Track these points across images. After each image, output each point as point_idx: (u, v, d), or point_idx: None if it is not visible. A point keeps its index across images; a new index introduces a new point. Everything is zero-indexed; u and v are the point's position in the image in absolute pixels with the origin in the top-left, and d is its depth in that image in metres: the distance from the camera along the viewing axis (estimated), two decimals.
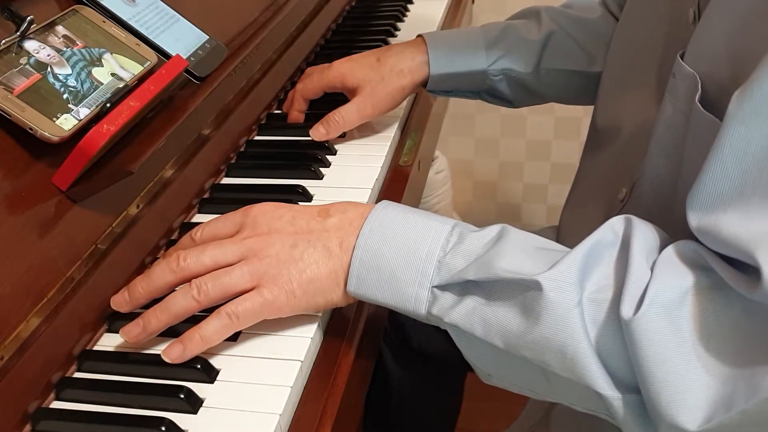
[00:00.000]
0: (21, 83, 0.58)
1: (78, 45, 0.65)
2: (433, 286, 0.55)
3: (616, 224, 0.54)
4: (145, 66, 0.69)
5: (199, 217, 0.74)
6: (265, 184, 0.79)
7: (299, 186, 0.76)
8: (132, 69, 0.68)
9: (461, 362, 0.60)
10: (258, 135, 0.89)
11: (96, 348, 0.59)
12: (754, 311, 0.47)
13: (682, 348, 0.48)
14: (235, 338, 0.58)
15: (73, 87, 0.62)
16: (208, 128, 0.78)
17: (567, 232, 0.86)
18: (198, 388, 0.54)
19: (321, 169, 0.80)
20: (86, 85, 0.63)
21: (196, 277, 0.57)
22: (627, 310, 0.49)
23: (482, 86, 0.91)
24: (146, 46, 0.71)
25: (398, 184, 0.82)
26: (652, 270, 0.51)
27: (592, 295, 0.51)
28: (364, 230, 0.57)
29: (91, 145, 0.57)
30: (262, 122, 0.91)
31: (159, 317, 0.56)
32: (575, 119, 1.86)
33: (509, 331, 0.52)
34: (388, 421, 1.06)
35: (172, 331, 0.57)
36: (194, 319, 0.56)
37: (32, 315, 0.53)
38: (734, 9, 0.55)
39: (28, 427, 0.52)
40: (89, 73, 0.64)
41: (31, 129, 0.57)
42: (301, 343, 0.57)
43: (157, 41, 0.73)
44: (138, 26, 0.72)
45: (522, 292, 0.52)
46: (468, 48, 0.89)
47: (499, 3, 1.76)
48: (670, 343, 0.48)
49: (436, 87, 0.90)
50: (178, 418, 0.52)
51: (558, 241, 0.57)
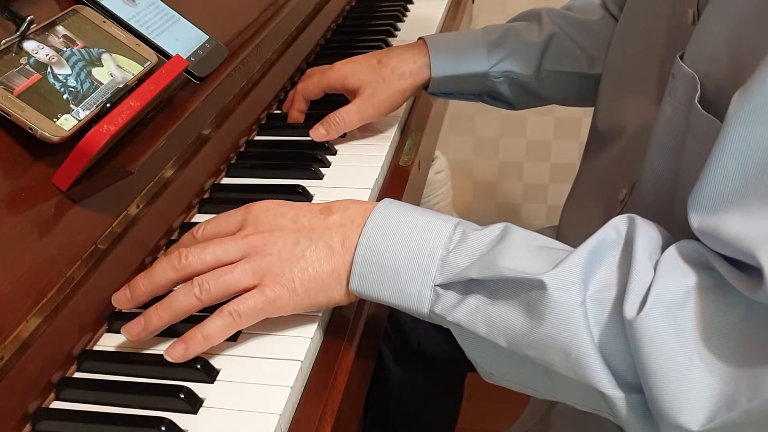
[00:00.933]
0: (21, 83, 0.58)
1: (78, 45, 0.65)
2: (436, 285, 0.55)
3: (619, 223, 0.54)
4: (145, 66, 0.69)
5: (199, 217, 0.74)
6: (265, 184, 0.79)
7: (299, 186, 0.76)
8: (132, 69, 0.68)
9: (461, 362, 0.60)
10: (258, 135, 0.89)
11: (96, 348, 0.59)
12: (757, 311, 0.48)
13: (685, 348, 0.48)
14: (235, 338, 0.58)
15: (73, 87, 0.62)
16: (208, 128, 0.78)
17: (567, 233, 0.86)
18: (198, 388, 0.54)
19: (321, 169, 0.80)
20: (86, 85, 0.63)
21: (198, 274, 0.57)
22: (630, 309, 0.49)
23: (483, 88, 0.91)
24: (146, 46, 0.71)
25: (398, 184, 0.82)
26: (655, 269, 0.51)
27: (595, 295, 0.51)
28: (367, 228, 0.57)
29: (91, 145, 0.57)
30: (262, 122, 0.91)
31: (161, 315, 0.56)
32: (575, 119, 1.86)
33: (513, 330, 0.52)
34: (388, 421, 1.06)
35: (173, 331, 0.57)
36: (195, 319, 0.56)
37: (32, 315, 0.53)
38: (733, 9, 0.55)
39: (28, 427, 0.52)
40: (89, 73, 0.64)
41: (31, 129, 0.57)
42: (301, 343, 0.57)
43: (157, 41, 0.73)
44: (138, 26, 0.72)
45: (526, 291, 0.52)
46: (469, 50, 0.89)
47: (499, 3, 1.76)
48: (672, 343, 0.48)
49: (437, 89, 0.90)
50: (178, 418, 0.52)
51: (558, 241, 0.57)
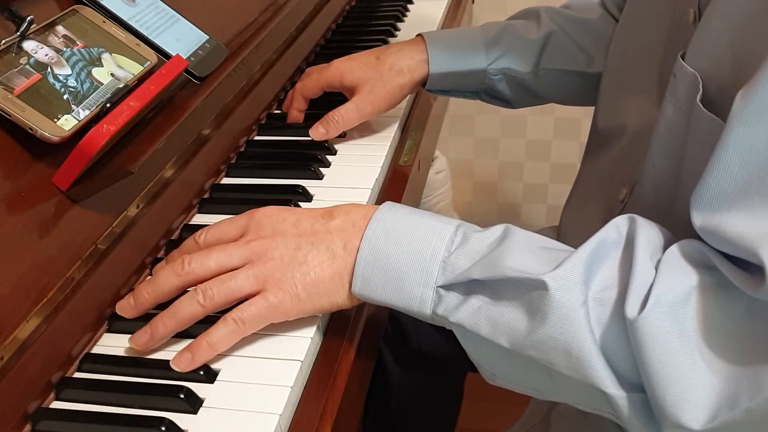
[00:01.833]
0: (21, 83, 0.58)
1: (78, 45, 0.65)
2: (438, 286, 0.55)
3: (620, 223, 0.54)
4: (145, 66, 0.69)
5: (199, 217, 0.74)
6: (265, 184, 0.79)
7: (299, 186, 0.76)
8: (132, 69, 0.68)
9: (461, 362, 0.60)
10: (258, 135, 0.89)
11: (96, 348, 0.59)
12: (758, 310, 0.48)
13: (687, 347, 0.48)
14: None
15: (73, 87, 0.62)
16: (208, 128, 0.78)
17: (567, 233, 0.86)
18: (198, 388, 0.54)
19: (321, 169, 0.80)
20: (86, 85, 0.63)
21: (201, 281, 0.57)
22: (632, 309, 0.49)
23: (481, 86, 0.91)
24: (146, 46, 0.71)
25: (398, 184, 0.82)
26: (657, 269, 0.51)
27: (597, 295, 0.51)
28: (368, 232, 0.57)
29: (91, 145, 0.57)
30: (262, 122, 0.91)
31: (166, 323, 0.56)
32: (575, 119, 1.86)
33: (515, 330, 0.53)
34: (388, 421, 1.06)
35: (178, 334, 0.57)
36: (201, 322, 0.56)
37: (32, 315, 0.53)
38: (735, 8, 0.55)
39: (28, 427, 0.52)
40: (89, 73, 0.64)
41: (31, 129, 0.57)
42: (301, 343, 0.57)
43: (157, 41, 0.73)
44: (138, 26, 0.72)
45: (528, 292, 0.52)
46: (468, 47, 0.89)
47: (499, 3, 1.76)
48: (674, 343, 0.48)
49: (435, 86, 0.90)
50: (178, 418, 0.52)
51: (558, 241, 0.57)
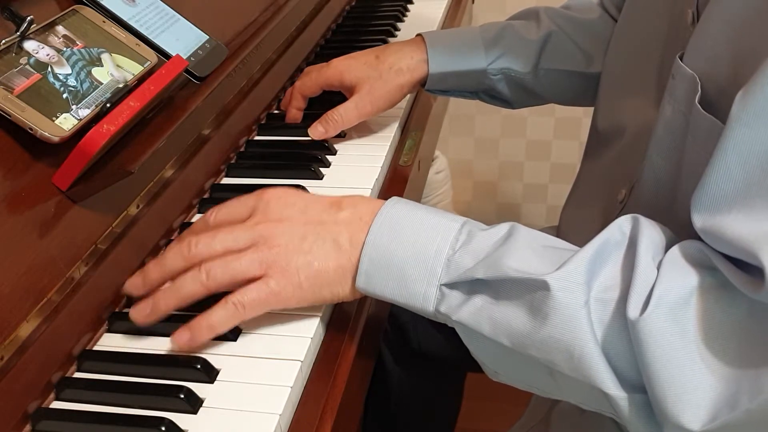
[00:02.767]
0: (21, 83, 0.58)
1: (78, 45, 0.65)
2: (442, 284, 0.55)
3: (623, 224, 0.54)
4: (145, 66, 0.69)
5: (199, 218, 0.74)
6: (265, 184, 0.78)
7: (299, 186, 0.76)
8: (132, 69, 0.68)
9: (461, 362, 0.60)
10: (258, 135, 0.89)
11: (96, 348, 0.59)
12: (759, 311, 0.48)
13: (688, 348, 0.48)
14: (235, 338, 0.58)
15: (73, 87, 0.62)
16: (208, 128, 0.78)
17: (567, 233, 0.86)
18: (198, 388, 0.54)
19: (321, 169, 0.80)
20: (86, 85, 0.63)
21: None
22: (633, 310, 0.49)
23: (481, 86, 0.91)
24: (146, 46, 0.71)
25: (398, 184, 0.82)
26: (658, 270, 0.51)
27: (599, 295, 0.51)
28: (374, 227, 0.57)
29: (91, 145, 0.57)
30: (262, 122, 0.91)
31: (168, 300, 0.57)
32: (575, 119, 1.86)
33: (517, 330, 0.53)
34: (388, 421, 1.06)
35: (173, 331, 0.57)
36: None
37: (32, 315, 0.53)
38: (734, 9, 0.55)
39: (28, 427, 0.52)
40: (89, 73, 0.64)
41: (31, 129, 0.57)
42: (301, 343, 0.57)
43: (157, 41, 0.73)
44: (138, 26, 0.72)
45: (530, 292, 0.52)
46: (467, 47, 0.89)
47: (499, 3, 1.76)
48: (675, 344, 0.48)
49: (434, 86, 0.90)
50: (178, 418, 0.52)
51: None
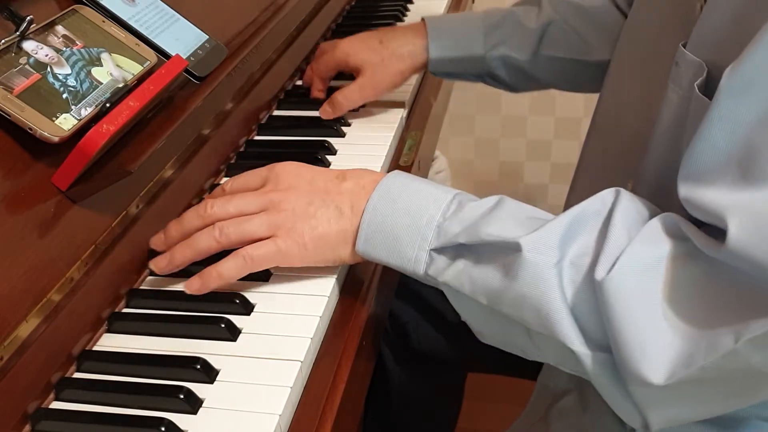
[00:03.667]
0: (21, 83, 0.58)
1: (77, 45, 0.65)
2: (431, 249, 0.59)
3: (606, 195, 0.57)
4: (145, 66, 0.69)
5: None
6: None
7: None
8: (132, 69, 0.68)
9: (461, 362, 0.61)
10: (258, 135, 0.89)
11: (96, 348, 0.59)
12: (718, 273, 0.50)
13: (651, 309, 0.51)
14: (235, 338, 0.58)
15: (72, 87, 0.62)
16: (207, 128, 0.78)
17: None
18: (198, 388, 0.54)
19: None
20: (86, 85, 0.63)
21: None
22: (601, 271, 0.52)
23: (482, 70, 0.94)
24: (146, 46, 0.71)
25: None
26: (631, 238, 0.53)
27: (573, 260, 0.54)
28: (374, 195, 0.62)
29: (91, 145, 0.57)
30: (262, 122, 0.91)
31: (184, 252, 0.62)
32: (575, 119, 1.86)
33: (491, 288, 0.56)
34: (388, 421, 1.06)
35: (172, 332, 0.58)
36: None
37: (32, 315, 0.53)
38: None
39: (27, 427, 0.52)
40: (89, 72, 0.64)
41: (30, 129, 0.57)
42: (301, 343, 0.57)
43: (157, 41, 0.73)
44: (138, 26, 0.72)
45: (504, 254, 0.56)
46: (467, 33, 0.92)
47: (499, 2, 1.76)
48: (639, 303, 0.51)
49: (436, 69, 0.93)
50: (178, 418, 0.52)
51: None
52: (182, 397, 0.52)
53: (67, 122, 0.59)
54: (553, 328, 0.53)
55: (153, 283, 0.65)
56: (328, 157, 0.82)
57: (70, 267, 0.57)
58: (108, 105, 0.62)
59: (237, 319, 0.60)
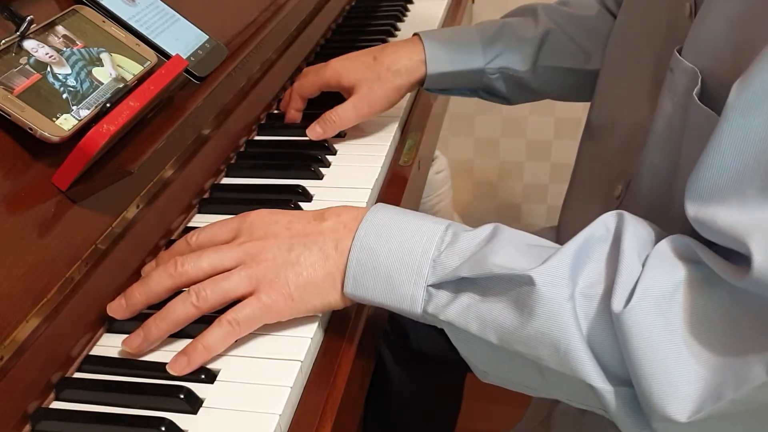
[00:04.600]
0: (21, 83, 0.58)
1: (78, 45, 0.65)
2: (429, 285, 0.55)
3: (608, 220, 0.55)
4: (145, 66, 0.69)
5: (198, 217, 0.74)
6: (265, 184, 0.79)
7: (299, 186, 0.76)
8: (132, 69, 0.68)
9: (461, 363, 0.60)
10: (258, 135, 0.89)
11: (96, 348, 0.59)
12: (742, 300, 0.48)
13: (673, 340, 0.49)
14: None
15: (72, 87, 0.62)
16: (207, 128, 0.78)
17: (566, 231, 0.86)
18: (198, 388, 0.54)
19: (321, 169, 0.80)
20: (86, 85, 0.63)
21: (194, 282, 0.57)
22: (618, 303, 0.49)
23: (479, 84, 0.92)
24: (146, 46, 0.71)
25: (398, 184, 0.81)
26: (644, 265, 0.51)
27: (584, 290, 0.51)
28: (360, 232, 0.58)
29: (91, 145, 0.57)
30: (262, 122, 0.91)
31: (159, 325, 0.56)
32: (575, 119, 1.86)
33: (503, 326, 0.53)
34: (388, 421, 1.05)
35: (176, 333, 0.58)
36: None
37: (32, 315, 0.53)
38: (734, 3, 0.55)
39: (27, 427, 0.52)
40: (89, 72, 0.64)
41: (31, 129, 0.57)
42: (301, 343, 0.57)
43: (157, 41, 0.73)
44: (138, 26, 0.72)
45: (515, 288, 0.52)
46: (465, 47, 0.89)
47: (499, 3, 1.76)
48: (660, 336, 0.49)
49: (433, 86, 0.90)
50: (178, 418, 0.52)
51: (558, 241, 0.57)
52: (182, 396, 0.52)
53: (67, 122, 0.59)
54: (573, 366, 0.51)
55: None
56: (328, 157, 0.82)
57: (70, 267, 0.57)
58: (108, 105, 0.62)
59: None
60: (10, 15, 0.61)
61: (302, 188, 0.75)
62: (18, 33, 0.60)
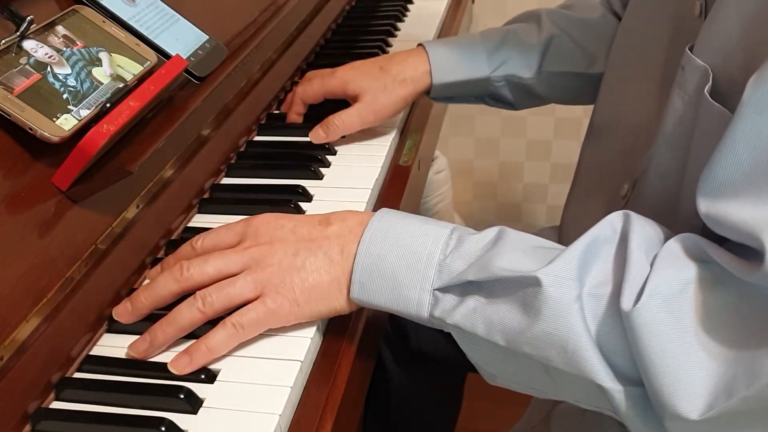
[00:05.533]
0: (21, 83, 0.58)
1: (78, 45, 0.65)
2: (435, 289, 0.55)
3: (614, 220, 0.55)
4: (145, 66, 0.69)
5: (199, 218, 0.74)
6: (265, 185, 0.79)
7: (299, 186, 0.76)
8: (132, 69, 0.68)
9: (461, 363, 0.60)
10: (258, 135, 0.89)
11: (96, 348, 0.59)
12: (752, 297, 0.48)
13: (683, 338, 0.49)
14: None
15: (72, 87, 0.62)
16: (207, 128, 0.78)
17: (569, 231, 0.86)
18: (198, 388, 0.54)
19: (321, 169, 0.80)
20: (86, 85, 0.63)
21: (200, 286, 0.57)
22: (627, 302, 0.49)
23: (485, 92, 0.92)
24: (146, 46, 0.71)
25: (398, 184, 0.81)
26: (652, 265, 0.51)
27: (591, 290, 0.51)
28: (365, 237, 0.58)
29: (91, 145, 0.57)
30: (262, 122, 0.91)
31: (165, 330, 0.57)
32: (575, 119, 1.86)
33: (510, 328, 0.53)
34: (388, 421, 1.06)
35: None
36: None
37: (32, 315, 0.53)
38: (747, 1, 0.54)
39: (27, 427, 0.52)
40: (89, 72, 0.64)
41: (31, 129, 0.57)
42: (301, 343, 0.57)
43: (157, 41, 0.73)
44: (138, 26, 0.72)
45: (522, 289, 0.52)
46: (469, 56, 0.89)
47: (499, 3, 1.76)
48: (670, 334, 0.49)
49: (439, 95, 0.90)
50: (178, 418, 0.52)
51: (560, 241, 0.57)
52: (182, 397, 0.52)
53: (67, 122, 0.59)
54: (582, 366, 0.51)
55: None
56: (328, 157, 0.82)
57: (70, 267, 0.57)
58: (108, 105, 0.62)
59: None
60: (10, 15, 0.61)
61: (302, 188, 0.75)
62: (18, 33, 0.60)
